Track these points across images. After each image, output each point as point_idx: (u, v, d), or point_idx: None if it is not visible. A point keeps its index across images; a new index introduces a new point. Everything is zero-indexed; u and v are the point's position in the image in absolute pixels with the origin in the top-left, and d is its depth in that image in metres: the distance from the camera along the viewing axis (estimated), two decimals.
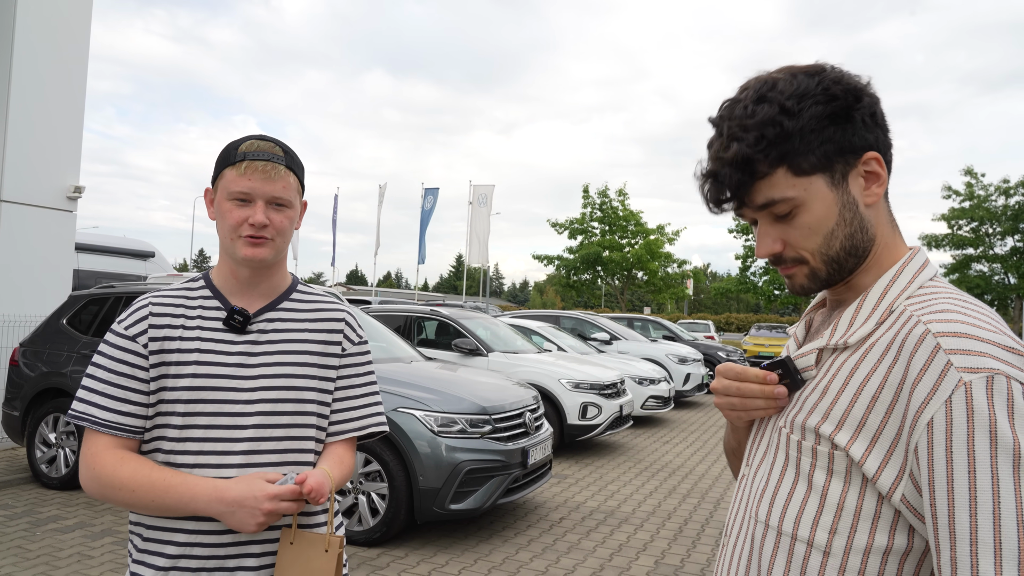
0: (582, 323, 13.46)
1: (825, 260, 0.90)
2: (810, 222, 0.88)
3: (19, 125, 6.99)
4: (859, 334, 0.86)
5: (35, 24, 7.10)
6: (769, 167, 0.87)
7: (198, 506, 1.25)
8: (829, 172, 0.87)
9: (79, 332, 5.85)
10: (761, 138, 0.86)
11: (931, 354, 0.76)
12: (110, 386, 1.31)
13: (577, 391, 7.66)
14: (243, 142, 1.35)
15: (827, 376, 0.88)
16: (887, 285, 0.88)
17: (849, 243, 0.89)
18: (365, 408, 1.48)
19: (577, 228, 35.66)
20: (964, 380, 0.72)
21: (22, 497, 5.34)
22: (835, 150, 0.87)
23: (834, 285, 0.93)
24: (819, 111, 0.86)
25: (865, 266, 0.92)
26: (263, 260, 1.34)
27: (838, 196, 0.88)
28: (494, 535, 4.85)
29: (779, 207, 0.88)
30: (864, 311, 0.88)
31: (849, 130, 0.87)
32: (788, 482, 0.88)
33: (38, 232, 7.20)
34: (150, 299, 1.38)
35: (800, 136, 0.86)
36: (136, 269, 10.36)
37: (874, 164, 0.89)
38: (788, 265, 0.92)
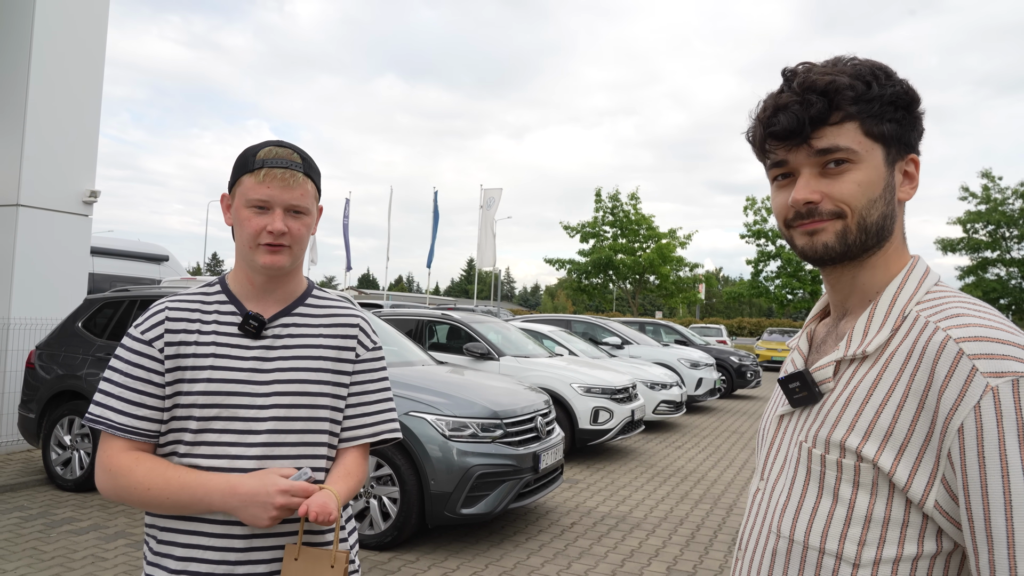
0: (593, 327, 13.43)
1: (860, 223, 0.89)
2: (862, 180, 0.88)
3: (36, 130, 7.07)
4: (876, 342, 0.86)
5: (52, 31, 7.19)
6: (845, 116, 0.88)
7: (212, 501, 1.26)
8: (887, 149, 0.90)
9: (94, 335, 5.90)
10: (853, 86, 0.87)
11: (955, 360, 0.77)
12: (126, 390, 1.32)
13: (588, 396, 7.64)
14: (261, 148, 1.35)
15: (848, 388, 0.88)
16: (896, 291, 0.89)
17: (882, 221, 0.90)
18: (379, 414, 1.47)
19: (589, 232, 35.61)
20: (991, 385, 0.74)
21: (37, 499, 5.39)
22: (897, 134, 0.90)
23: (851, 258, 0.91)
24: (900, 93, 0.89)
25: (874, 261, 0.92)
26: (282, 268, 1.35)
27: (887, 174, 0.90)
28: (505, 540, 4.84)
29: (838, 154, 0.88)
30: (877, 319, 0.88)
31: (909, 125, 0.91)
32: (812, 496, 0.88)
33: (54, 236, 7.28)
34: (167, 303, 1.39)
35: (880, 103, 0.88)
36: (150, 273, 10.44)
37: (913, 167, 0.93)
38: (821, 218, 0.90)
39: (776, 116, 0.90)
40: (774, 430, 1.00)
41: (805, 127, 0.88)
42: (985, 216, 30.35)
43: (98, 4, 7.64)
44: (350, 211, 28.22)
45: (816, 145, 0.89)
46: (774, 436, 0.99)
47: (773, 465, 0.97)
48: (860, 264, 0.93)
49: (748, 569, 0.95)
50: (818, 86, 0.88)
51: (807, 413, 0.92)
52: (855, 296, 0.95)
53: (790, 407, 0.96)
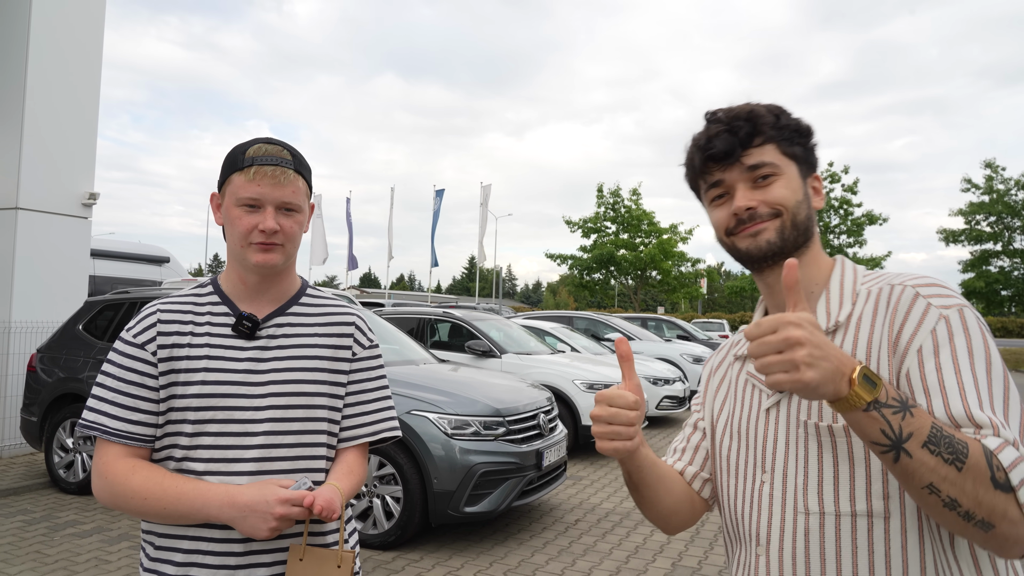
0: (595, 323, 13.41)
1: (793, 220, 1.05)
2: (788, 186, 1.06)
3: (35, 134, 7.06)
4: (844, 313, 1.03)
5: (49, 34, 7.17)
6: (765, 139, 1.06)
7: (210, 512, 1.23)
8: (799, 165, 1.08)
9: (95, 338, 5.89)
10: (768, 113, 1.07)
11: (913, 300, 0.97)
12: (119, 395, 1.30)
13: (591, 392, 7.61)
14: (250, 146, 1.33)
15: None
16: (841, 278, 1.07)
17: (806, 222, 1.06)
18: (377, 413, 1.46)
19: (591, 227, 35.58)
20: (943, 314, 0.94)
21: (40, 502, 5.39)
22: (803, 154, 1.08)
23: (786, 253, 1.06)
24: (800, 125, 1.09)
25: (805, 260, 1.08)
26: (275, 266, 1.33)
27: (802, 185, 1.08)
28: (509, 538, 4.82)
29: (766, 169, 1.05)
30: (835, 298, 1.05)
31: (810, 150, 1.10)
32: (829, 467, 0.97)
33: (54, 239, 7.27)
34: (158, 306, 1.37)
35: (789, 130, 1.07)
36: (151, 274, 10.43)
37: (817, 183, 1.11)
38: (761, 220, 1.05)
39: (711, 142, 1.07)
40: (763, 425, 1.07)
41: (736, 148, 1.05)
42: (988, 207, 30.22)
43: (95, 6, 7.62)
44: (351, 210, 28.20)
45: (747, 162, 1.05)
46: (764, 430, 1.06)
47: (776, 454, 1.04)
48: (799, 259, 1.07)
49: (780, 559, 1.00)
50: (742, 115, 1.06)
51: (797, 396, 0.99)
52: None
53: (775, 398, 1.06)
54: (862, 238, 32.33)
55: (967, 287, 30.41)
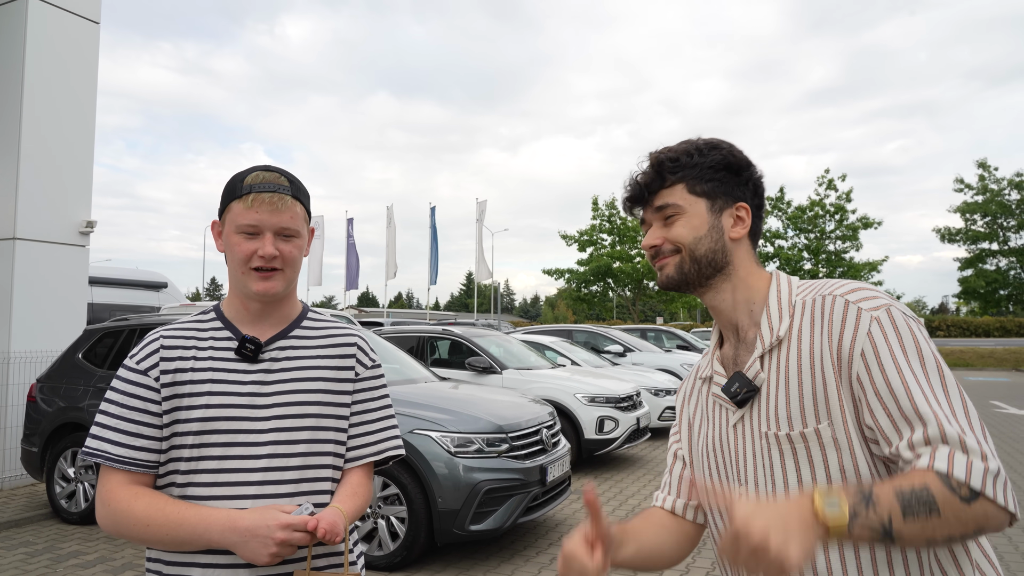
0: (595, 336, 13.41)
1: (691, 255, 1.15)
2: (686, 224, 1.16)
3: (31, 164, 7.08)
4: (783, 328, 1.09)
5: (44, 64, 7.22)
6: (674, 180, 1.16)
7: (212, 537, 1.24)
8: (711, 201, 1.16)
9: (95, 366, 5.88)
10: (676, 159, 1.17)
11: (845, 309, 1.04)
12: (123, 421, 1.31)
13: (593, 405, 7.61)
14: (248, 174, 1.35)
15: (778, 370, 1.09)
16: (777, 294, 1.14)
17: (711, 255, 1.15)
18: (381, 432, 1.46)
19: (587, 240, 35.66)
20: (874, 316, 1.02)
21: (43, 533, 5.35)
22: (721, 189, 1.16)
23: (690, 286, 1.18)
24: (719, 159, 1.17)
25: (729, 286, 1.17)
26: (276, 294, 1.35)
27: (711, 219, 1.16)
28: (516, 555, 4.80)
29: (669, 210, 1.17)
30: (775, 314, 1.12)
31: (734, 182, 1.17)
32: (792, 471, 1.05)
33: (52, 268, 7.27)
34: (161, 332, 1.38)
35: (701, 168, 1.16)
36: (149, 300, 10.43)
37: (743, 212, 1.17)
38: (664, 256, 1.18)
39: (628, 187, 1.22)
40: (732, 440, 1.15)
41: (643, 193, 1.19)
42: (982, 207, 30.36)
43: (89, 35, 7.68)
44: (352, 230, 28.23)
45: (654, 203, 1.18)
46: (735, 444, 1.15)
47: (746, 467, 1.12)
48: (713, 289, 1.18)
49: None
50: (652, 162, 1.19)
51: (756, 408, 1.11)
52: (737, 312, 1.18)
53: (739, 414, 1.13)
54: (857, 242, 32.43)
55: (966, 286, 30.47)
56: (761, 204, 1.21)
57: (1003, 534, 5.28)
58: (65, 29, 7.43)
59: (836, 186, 32.12)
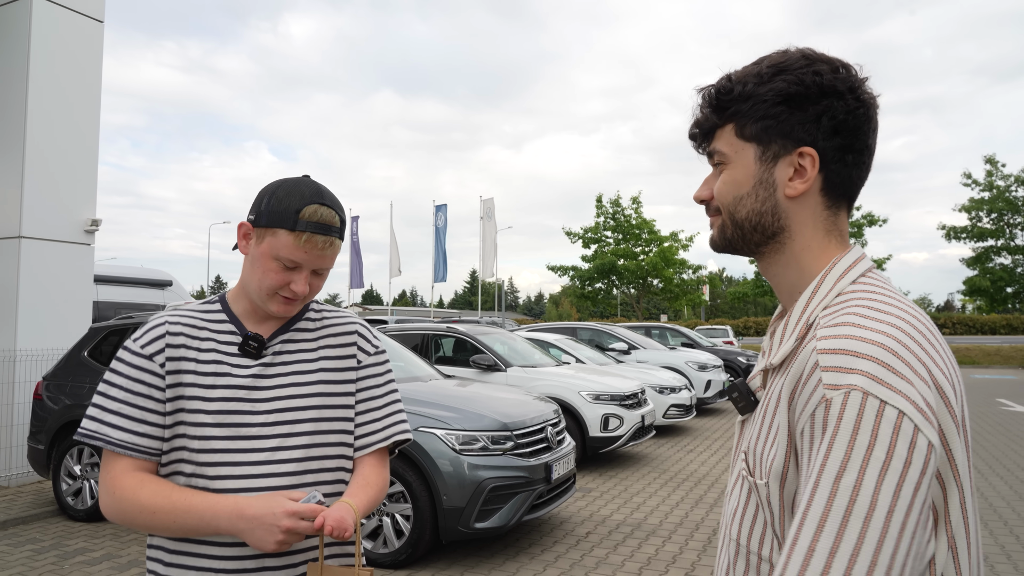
0: (599, 334, 13.39)
1: (732, 220, 0.93)
2: (727, 180, 0.93)
3: (36, 163, 7.10)
4: (782, 353, 0.86)
5: (48, 63, 7.23)
6: (724, 119, 0.93)
7: (220, 524, 1.23)
8: (762, 146, 0.90)
9: (100, 364, 5.89)
10: (728, 91, 0.92)
11: (812, 369, 0.78)
12: (126, 405, 1.29)
13: (598, 403, 7.60)
14: (305, 206, 1.29)
15: (767, 398, 0.88)
16: (809, 296, 0.88)
17: (756, 217, 0.91)
18: (387, 417, 1.45)
19: (591, 238, 35.62)
20: (826, 396, 0.74)
21: (49, 530, 5.37)
22: (776, 129, 0.89)
23: (740, 252, 0.96)
24: (780, 87, 0.88)
25: (780, 260, 0.93)
26: (291, 315, 1.38)
27: (759, 171, 0.91)
28: (520, 552, 4.79)
29: (716, 157, 0.94)
30: (790, 327, 0.88)
31: (797, 118, 0.88)
32: (753, 505, 0.88)
33: (57, 266, 7.29)
34: (166, 318, 1.37)
35: (753, 102, 0.89)
36: (154, 298, 10.45)
37: (807, 160, 0.88)
38: (711, 214, 0.98)
39: (691, 124, 0.98)
40: (737, 435, 1.01)
41: (698, 125, 0.96)
42: (989, 203, 30.21)
43: (93, 34, 7.69)
44: (357, 228, 28.24)
45: (707, 149, 0.96)
46: (737, 441, 1.00)
47: (733, 470, 0.98)
48: (767, 260, 0.94)
49: (718, 570, 0.98)
50: (705, 95, 0.95)
51: (751, 420, 0.93)
52: (784, 295, 0.95)
53: (744, 417, 0.97)
54: (862, 239, 32.34)
55: (971, 285, 30.34)
56: (850, 145, 0.87)
57: (995, 542, 5.26)
58: (69, 28, 7.44)
59: None
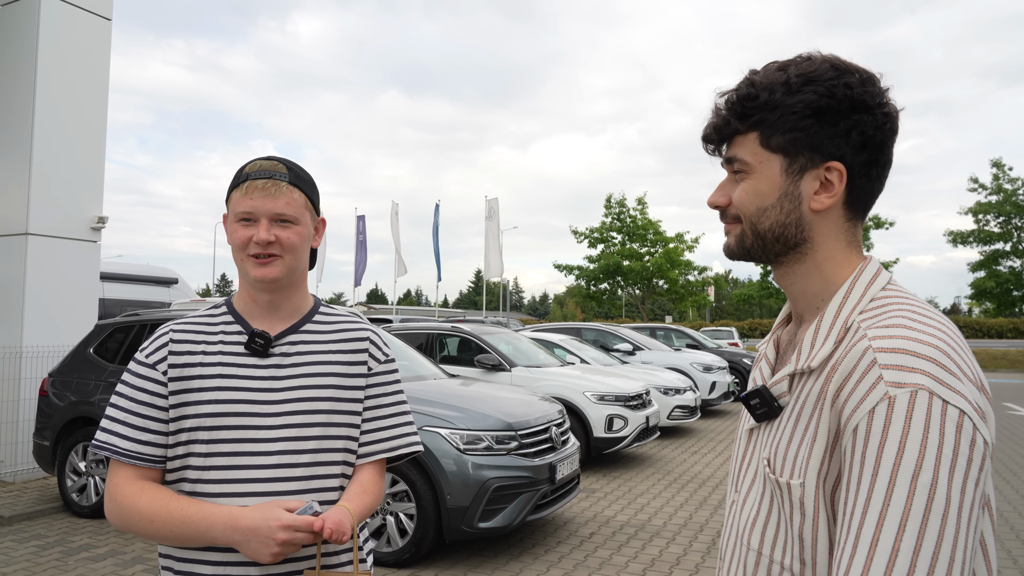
0: (604, 334, 13.37)
1: (753, 230, 0.93)
2: (750, 189, 0.92)
3: (43, 160, 7.13)
4: (820, 356, 0.86)
5: (56, 61, 7.25)
6: (747, 127, 0.91)
7: (214, 535, 1.23)
8: (789, 158, 0.89)
9: (106, 361, 5.91)
10: (755, 96, 0.89)
11: (868, 367, 0.78)
12: (131, 415, 1.30)
13: (602, 403, 7.58)
14: (248, 164, 1.37)
15: (798, 402, 0.88)
16: (841, 301, 0.88)
17: (780, 229, 0.91)
18: (395, 428, 1.44)
19: (597, 238, 35.59)
20: (890, 394, 0.74)
21: (54, 526, 5.38)
22: (804, 142, 0.88)
23: (758, 260, 0.96)
24: (810, 100, 0.87)
25: (802, 269, 0.93)
26: (275, 279, 1.33)
27: (785, 183, 0.90)
28: (524, 553, 4.78)
29: (736, 165, 0.93)
30: (823, 330, 0.88)
31: (827, 132, 0.87)
32: (775, 513, 0.88)
33: (64, 263, 7.31)
34: (171, 326, 1.38)
35: (781, 112, 0.88)
36: (160, 296, 10.48)
37: (834, 175, 0.89)
38: (728, 221, 0.96)
39: (706, 127, 0.96)
40: (745, 443, 1.00)
41: (716, 130, 0.94)
42: (996, 207, 30.05)
43: (100, 33, 7.71)
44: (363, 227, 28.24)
45: (725, 154, 0.95)
46: (745, 449, 0.99)
47: (744, 478, 0.97)
48: (786, 271, 0.95)
49: None
50: (731, 98, 0.92)
51: (770, 427, 0.92)
52: (801, 302, 0.95)
53: (754, 424, 0.96)
54: (869, 242, 32.18)
55: (978, 287, 30.18)
56: (875, 160, 0.89)
57: (1002, 547, 5.23)
58: (77, 26, 7.46)
59: None
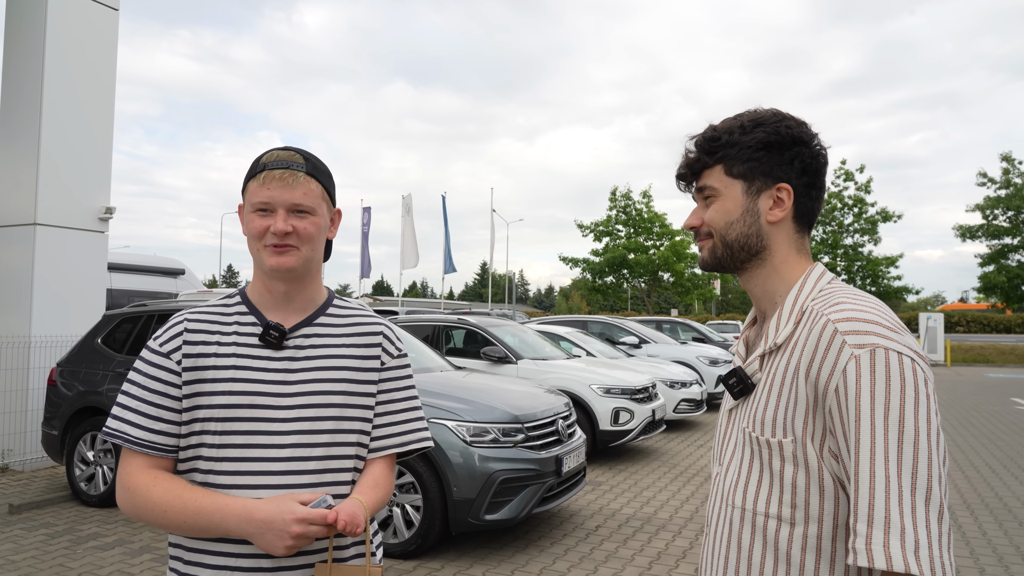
0: (610, 327, 13.35)
1: (722, 241, 1.15)
2: (719, 208, 1.15)
3: (51, 150, 7.14)
4: (783, 334, 1.08)
5: (63, 52, 7.25)
6: (713, 161, 1.15)
7: (228, 527, 1.22)
8: (748, 182, 1.13)
9: (114, 351, 5.93)
10: (717, 138, 1.15)
11: (831, 337, 0.98)
12: (143, 403, 1.30)
13: (608, 396, 7.58)
14: (265, 154, 1.36)
15: (768, 375, 1.09)
16: (796, 293, 1.11)
17: (743, 239, 1.14)
18: (406, 423, 1.44)
19: (602, 231, 35.51)
20: (855, 354, 0.95)
21: (63, 515, 5.41)
22: (759, 169, 1.13)
23: (727, 269, 1.18)
24: (760, 137, 1.12)
25: (762, 272, 1.16)
26: (291, 269, 1.32)
27: (746, 202, 1.14)
28: (530, 545, 4.79)
29: (706, 191, 1.17)
30: (784, 315, 1.10)
31: (775, 160, 1.12)
32: (756, 471, 1.07)
33: (72, 253, 7.33)
34: (185, 315, 1.37)
35: (740, 148, 1.13)
36: (167, 287, 10.51)
37: (784, 194, 1.13)
38: (701, 238, 1.19)
39: (679, 167, 1.22)
40: (726, 422, 1.19)
41: (687, 174, 1.19)
42: (1005, 201, 29.81)
43: (108, 23, 7.70)
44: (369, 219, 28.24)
45: (696, 185, 1.19)
46: (726, 427, 1.19)
47: (726, 451, 1.16)
48: (749, 274, 1.17)
49: (713, 541, 1.15)
50: (697, 142, 1.18)
51: (746, 403, 1.12)
52: (764, 301, 1.17)
53: (734, 403, 1.16)
54: (876, 236, 32.03)
55: (986, 282, 30.03)
56: (813, 183, 1.14)
57: (1011, 543, 5.20)
58: (84, 16, 7.46)
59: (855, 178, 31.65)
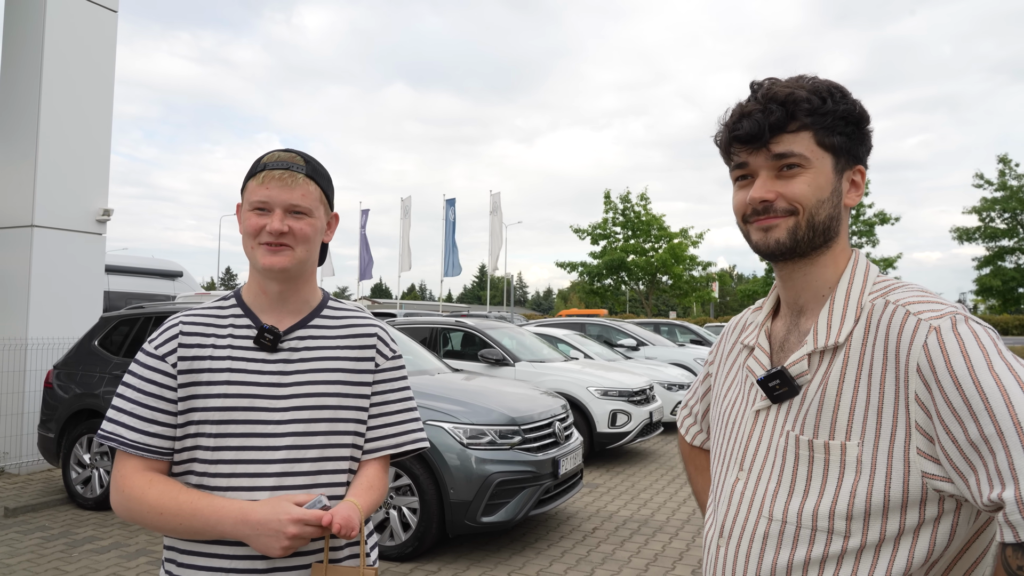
0: (608, 329, 13.36)
1: (810, 220, 1.00)
2: (811, 182, 0.99)
3: (49, 152, 7.14)
4: (844, 332, 0.97)
5: (62, 53, 7.25)
6: (802, 125, 0.99)
7: (224, 529, 1.23)
8: (837, 158, 1.01)
9: (111, 353, 5.92)
10: (809, 100, 0.98)
11: (903, 320, 0.91)
12: (138, 406, 1.30)
13: (606, 399, 7.58)
14: (267, 154, 1.37)
15: (826, 377, 0.97)
16: (848, 286, 1.00)
17: (828, 221, 1.01)
18: (401, 425, 1.44)
19: (600, 234, 35.53)
20: (933, 325, 0.88)
21: (58, 518, 5.41)
22: (847, 145, 1.01)
23: (797, 254, 1.02)
24: (851, 110, 1.00)
25: (823, 260, 1.03)
26: (284, 269, 1.32)
27: (835, 180, 1.01)
28: (527, 547, 4.79)
29: (792, 159, 0.99)
30: (837, 311, 0.99)
31: (857, 140, 1.02)
32: (802, 480, 0.96)
33: (69, 255, 7.33)
34: (180, 318, 1.37)
35: (833, 117, 0.99)
36: (165, 289, 10.50)
37: (859, 176, 1.04)
38: (775, 215, 1.01)
39: (740, 122, 1.01)
40: (751, 424, 1.06)
41: (765, 133, 0.99)
42: (1002, 203, 29.88)
43: (107, 25, 7.71)
44: (366, 221, 28.25)
45: (774, 149, 0.99)
46: (751, 430, 1.06)
47: (756, 457, 1.04)
48: (811, 262, 1.03)
49: (736, 553, 1.03)
50: (779, 97, 0.99)
51: (789, 405, 1.00)
52: (807, 292, 1.04)
53: (767, 402, 1.03)
54: (874, 238, 32.08)
55: (983, 284, 30.09)
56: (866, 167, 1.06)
57: None
58: (83, 18, 7.46)
59: None
